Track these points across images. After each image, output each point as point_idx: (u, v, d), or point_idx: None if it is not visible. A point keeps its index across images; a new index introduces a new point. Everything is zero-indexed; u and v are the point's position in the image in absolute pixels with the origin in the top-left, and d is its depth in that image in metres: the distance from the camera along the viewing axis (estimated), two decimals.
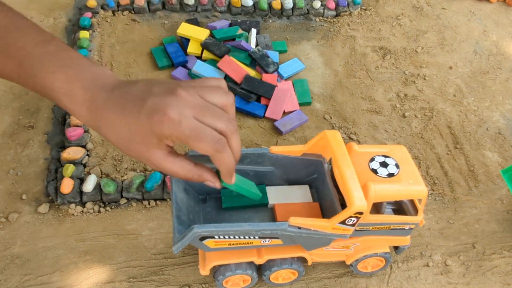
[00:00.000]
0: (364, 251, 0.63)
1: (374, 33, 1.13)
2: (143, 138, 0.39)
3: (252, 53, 0.98)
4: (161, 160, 0.41)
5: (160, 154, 0.40)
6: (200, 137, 0.39)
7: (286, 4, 1.13)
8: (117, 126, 0.39)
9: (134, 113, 0.38)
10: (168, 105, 0.37)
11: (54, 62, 0.40)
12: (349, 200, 0.51)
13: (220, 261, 0.59)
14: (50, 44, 0.40)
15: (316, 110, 0.95)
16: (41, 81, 0.39)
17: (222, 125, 0.40)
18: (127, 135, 0.39)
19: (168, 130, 0.38)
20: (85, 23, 1.03)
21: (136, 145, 0.40)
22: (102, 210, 0.75)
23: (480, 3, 1.26)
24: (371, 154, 0.58)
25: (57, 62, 0.40)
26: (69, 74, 0.39)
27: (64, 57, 0.40)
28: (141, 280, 0.67)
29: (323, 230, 0.53)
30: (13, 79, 0.41)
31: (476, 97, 1.01)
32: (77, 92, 0.39)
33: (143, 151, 0.40)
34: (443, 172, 0.86)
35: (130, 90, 0.40)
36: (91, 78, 0.40)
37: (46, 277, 0.66)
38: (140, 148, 0.40)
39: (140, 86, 0.40)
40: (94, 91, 0.39)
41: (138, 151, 0.40)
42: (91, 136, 0.83)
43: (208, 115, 0.39)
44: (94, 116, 0.40)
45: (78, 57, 0.41)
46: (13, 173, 0.78)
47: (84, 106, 0.39)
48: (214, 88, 0.42)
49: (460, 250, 0.75)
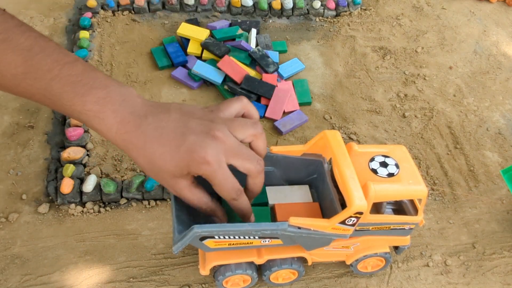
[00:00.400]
0: (364, 251, 0.63)
1: (374, 33, 1.13)
2: (175, 169, 0.42)
3: (252, 53, 0.98)
4: (184, 190, 0.45)
5: (185, 184, 0.44)
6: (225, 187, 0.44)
7: (286, 4, 1.13)
8: (149, 153, 0.42)
9: (173, 147, 0.41)
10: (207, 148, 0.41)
11: (82, 84, 0.40)
12: (349, 200, 0.51)
13: (220, 261, 0.59)
14: (76, 65, 0.41)
15: (316, 110, 0.95)
16: (70, 103, 0.40)
17: (250, 166, 0.45)
18: (160, 163, 0.42)
19: (203, 171, 0.42)
20: (85, 23, 1.03)
21: (165, 174, 0.43)
22: (102, 210, 0.75)
23: (480, 3, 1.26)
24: (371, 154, 0.58)
25: (85, 84, 0.41)
26: (98, 96, 0.41)
27: (91, 78, 0.41)
28: (141, 280, 0.67)
29: (323, 230, 0.53)
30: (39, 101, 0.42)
31: (476, 97, 1.01)
32: (108, 115, 0.41)
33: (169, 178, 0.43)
34: (443, 172, 0.86)
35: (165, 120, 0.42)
36: (120, 100, 0.42)
37: (46, 277, 0.66)
38: (167, 177, 0.43)
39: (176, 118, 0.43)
40: (124, 114, 0.41)
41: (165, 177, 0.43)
42: (91, 136, 0.83)
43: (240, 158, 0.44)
44: (124, 139, 0.42)
45: (104, 77, 0.42)
46: (13, 173, 0.78)
47: (114, 129, 0.41)
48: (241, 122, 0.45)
49: (460, 250, 0.75)
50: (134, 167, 0.80)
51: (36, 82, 0.40)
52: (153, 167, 0.43)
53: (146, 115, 0.42)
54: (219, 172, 0.42)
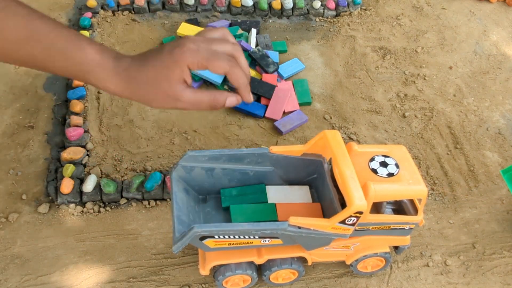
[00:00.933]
0: (364, 251, 0.63)
1: (374, 33, 1.13)
2: (167, 72, 0.46)
3: (252, 53, 0.98)
4: (185, 91, 0.48)
5: (182, 86, 0.47)
6: (217, 57, 0.47)
7: (286, 4, 1.13)
8: (144, 74, 0.47)
9: (156, 56, 0.47)
10: (185, 41, 0.47)
11: (81, 40, 0.46)
12: (349, 200, 0.51)
13: (220, 261, 0.59)
14: (70, 29, 0.47)
15: (316, 110, 0.95)
16: (73, 55, 0.46)
17: (229, 48, 0.49)
18: (153, 76, 0.47)
19: (190, 57, 0.46)
20: (85, 23, 1.03)
21: (162, 84, 0.47)
22: (102, 210, 0.75)
23: (480, 3, 1.26)
24: (371, 154, 0.58)
25: (83, 40, 0.46)
26: (97, 49, 0.47)
27: (86, 38, 0.47)
28: (141, 280, 0.67)
29: (323, 230, 0.53)
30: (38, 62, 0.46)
31: (476, 97, 1.01)
32: (108, 61, 0.47)
33: (168, 88, 0.47)
34: (443, 172, 0.86)
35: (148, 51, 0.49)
36: (114, 51, 0.48)
37: (46, 277, 0.66)
38: (165, 86, 0.47)
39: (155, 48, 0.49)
40: (120, 58, 0.47)
41: (164, 90, 0.47)
42: (91, 136, 0.84)
43: (216, 43, 0.48)
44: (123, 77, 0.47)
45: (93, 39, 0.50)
46: (13, 173, 0.78)
47: (114, 72, 0.47)
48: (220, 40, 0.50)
49: (460, 250, 0.75)
50: (134, 167, 0.80)
51: (39, 42, 0.44)
52: (153, 86, 0.47)
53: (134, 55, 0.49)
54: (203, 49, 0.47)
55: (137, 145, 0.84)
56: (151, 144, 0.84)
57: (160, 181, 0.77)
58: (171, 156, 0.83)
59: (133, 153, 0.82)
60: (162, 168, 0.81)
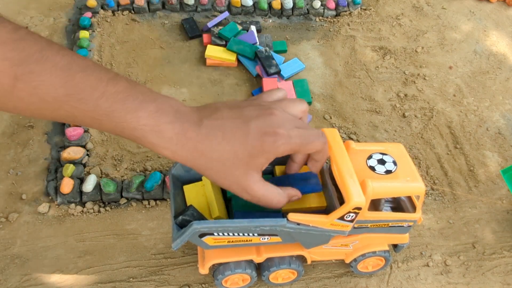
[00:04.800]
0: (363, 249, 0.63)
1: (374, 33, 1.13)
2: (249, 160, 0.41)
3: (258, 52, 0.98)
4: (258, 184, 0.44)
5: (257, 178, 0.43)
6: (310, 139, 0.44)
7: (286, 4, 1.14)
8: (218, 153, 0.41)
9: (240, 137, 0.41)
10: (274, 125, 0.42)
11: (132, 100, 0.39)
12: (347, 196, 0.51)
13: (219, 259, 0.59)
14: (120, 81, 0.39)
15: (316, 110, 0.95)
16: (122, 120, 0.39)
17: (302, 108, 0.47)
18: (231, 160, 0.41)
19: (283, 146, 0.42)
20: (85, 23, 1.03)
21: (238, 170, 0.42)
22: (102, 210, 0.75)
23: (480, 3, 1.26)
24: (369, 151, 0.58)
25: (135, 99, 0.39)
26: (151, 110, 0.39)
27: (138, 93, 0.40)
28: (141, 280, 0.67)
29: (322, 226, 0.53)
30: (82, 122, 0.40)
31: (476, 97, 1.01)
32: (165, 127, 0.40)
33: (241, 175, 0.42)
34: (443, 172, 0.86)
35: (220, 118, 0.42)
36: (173, 112, 0.41)
37: (46, 277, 0.66)
38: (240, 173, 0.42)
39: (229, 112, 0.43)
40: (182, 124, 0.40)
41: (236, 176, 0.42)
42: (91, 136, 0.84)
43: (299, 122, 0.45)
44: (187, 148, 0.41)
45: (149, 90, 0.41)
46: (13, 173, 0.78)
47: (174, 141, 0.40)
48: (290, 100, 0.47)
49: (460, 250, 0.75)
50: (134, 167, 0.80)
51: (80, 103, 0.37)
52: (225, 167, 0.42)
53: (201, 119, 0.42)
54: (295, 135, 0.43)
55: (137, 145, 0.84)
56: None
57: (160, 181, 0.77)
58: None
59: (133, 153, 0.83)
60: (162, 168, 0.81)
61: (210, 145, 0.41)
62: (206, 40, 1.05)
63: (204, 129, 0.41)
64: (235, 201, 0.57)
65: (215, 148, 0.41)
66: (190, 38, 1.06)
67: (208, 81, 0.98)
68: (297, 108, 0.46)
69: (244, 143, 0.41)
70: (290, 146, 0.42)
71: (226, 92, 0.97)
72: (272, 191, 0.45)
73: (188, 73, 0.99)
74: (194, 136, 0.41)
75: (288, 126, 0.43)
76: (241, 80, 0.99)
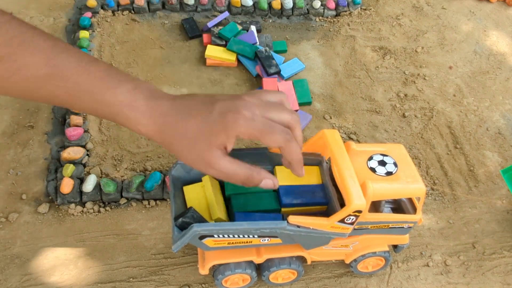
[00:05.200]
0: (363, 250, 0.63)
1: (374, 33, 1.13)
2: (210, 136, 0.42)
3: (258, 52, 0.98)
4: (221, 160, 0.44)
5: (220, 153, 0.43)
6: (272, 130, 0.43)
7: (286, 4, 1.13)
8: (183, 127, 0.43)
9: (204, 113, 0.42)
10: (239, 106, 0.43)
11: (111, 78, 0.42)
12: (347, 199, 0.51)
13: (219, 260, 0.59)
14: (99, 63, 0.42)
15: (316, 110, 0.95)
16: (101, 97, 0.41)
17: (286, 117, 0.45)
18: (194, 134, 0.43)
19: (243, 126, 0.42)
20: (85, 23, 1.03)
21: (200, 144, 0.43)
22: (102, 210, 0.75)
23: (480, 3, 1.26)
24: (369, 153, 0.58)
25: (113, 77, 0.42)
26: (128, 88, 0.42)
27: (117, 73, 0.43)
28: (141, 280, 0.67)
29: (322, 229, 0.53)
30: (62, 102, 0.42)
31: (476, 97, 1.01)
32: (140, 102, 0.42)
33: (205, 150, 0.43)
34: (443, 172, 0.86)
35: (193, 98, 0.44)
36: (149, 91, 0.44)
37: (46, 277, 0.66)
38: (202, 148, 0.43)
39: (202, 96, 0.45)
40: (156, 100, 0.43)
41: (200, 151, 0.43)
42: (91, 136, 0.84)
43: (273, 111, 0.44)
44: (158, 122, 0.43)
45: (128, 74, 0.44)
46: (13, 173, 0.78)
47: (147, 114, 0.43)
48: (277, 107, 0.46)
49: (460, 250, 0.75)
50: (134, 167, 0.80)
51: (62, 81, 0.40)
52: (188, 142, 0.43)
53: (175, 98, 0.44)
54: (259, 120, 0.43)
55: (137, 145, 0.84)
56: (151, 144, 0.84)
57: (160, 181, 0.77)
58: (171, 156, 0.83)
59: (133, 153, 0.83)
60: (162, 168, 0.81)
61: (177, 120, 0.43)
62: (206, 40, 1.05)
63: (176, 105, 0.43)
64: (235, 201, 0.57)
65: (181, 124, 0.43)
66: (190, 38, 1.06)
67: (208, 81, 0.98)
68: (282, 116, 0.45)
69: (207, 118, 0.42)
70: (250, 129, 0.42)
71: (226, 92, 0.96)
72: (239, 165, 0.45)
73: (188, 73, 0.99)
74: (166, 111, 0.43)
75: (256, 111, 0.43)
76: (241, 80, 0.99)
